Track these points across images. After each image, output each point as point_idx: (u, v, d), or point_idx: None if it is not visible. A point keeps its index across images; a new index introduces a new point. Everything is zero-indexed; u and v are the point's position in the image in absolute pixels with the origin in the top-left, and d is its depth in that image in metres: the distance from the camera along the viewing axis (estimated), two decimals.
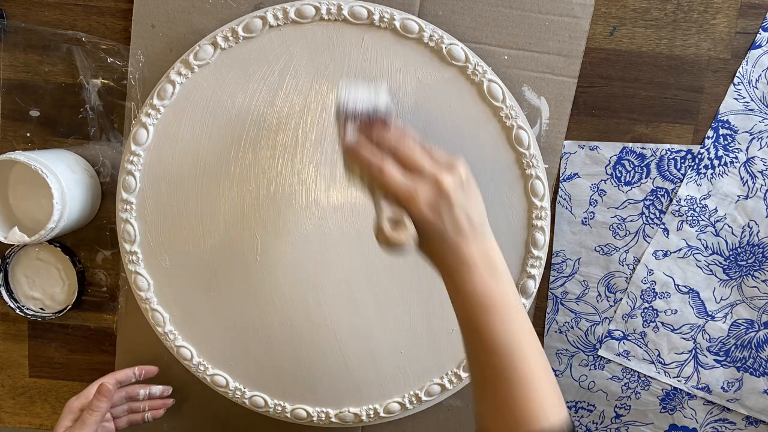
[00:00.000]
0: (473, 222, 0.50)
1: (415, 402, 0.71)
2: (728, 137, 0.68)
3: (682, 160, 0.69)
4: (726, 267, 0.71)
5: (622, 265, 0.72)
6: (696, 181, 0.69)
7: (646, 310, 0.72)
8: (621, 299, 0.72)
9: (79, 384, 0.77)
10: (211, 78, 0.66)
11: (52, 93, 0.71)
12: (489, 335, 0.49)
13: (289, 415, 0.72)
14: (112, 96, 0.70)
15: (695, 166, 0.69)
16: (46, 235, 0.64)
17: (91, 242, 0.73)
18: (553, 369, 0.74)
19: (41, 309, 0.74)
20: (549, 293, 0.73)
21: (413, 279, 0.69)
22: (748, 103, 0.68)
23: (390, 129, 0.52)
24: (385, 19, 0.64)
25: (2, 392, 0.78)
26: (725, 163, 0.69)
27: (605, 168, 0.70)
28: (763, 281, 0.71)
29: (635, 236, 0.71)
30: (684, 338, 0.73)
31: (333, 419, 0.72)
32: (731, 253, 0.71)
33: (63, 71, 0.70)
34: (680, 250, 0.71)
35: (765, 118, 0.68)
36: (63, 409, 0.65)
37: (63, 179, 0.64)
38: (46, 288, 0.74)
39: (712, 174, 0.69)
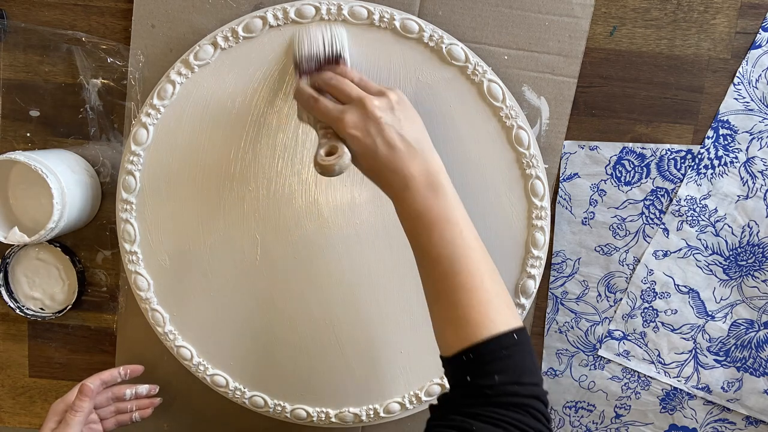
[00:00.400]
0: (407, 140, 0.53)
1: (415, 402, 0.71)
2: (728, 137, 0.68)
3: (682, 160, 0.69)
4: (726, 267, 0.71)
5: (622, 265, 0.72)
6: (696, 181, 0.69)
7: (646, 310, 0.72)
8: (621, 299, 0.72)
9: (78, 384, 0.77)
10: (211, 78, 0.66)
11: (52, 93, 0.71)
12: (431, 247, 0.52)
13: (289, 415, 0.72)
14: (112, 96, 0.70)
15: (695, 166, 0.69)
16: (46, 235, 0.64)
17: (91, 242, 0.73)
18: (553, 369, 0.74)
19: (41, 309, 0.74)
20: (549, 293, 0.73)
21: (414, 278, 0.69)
22: (748, 103, 0.68)
23: (338, 67, 0.59)
24: (385, 19, 0.64)
25: (2, 392, 0.78)
26: (725, 163, 0.69)
27: (605, 168, 0.70)
28: (763, 281, 0.71)
29: (635, 236, 0.71)
30: (684, 338, 0.73)
31: (333, 419, 0.72)
32: (731, 253, 0.71)
33: (63, 71, 0.70)
34: (680, 250, 0.71)
35: (765, 118, 0.68)
36: (47, 412, 0.64)
37: (63, 179, 0.64)
38: (46, 288, 0.74)
39: (712, 174, 0.69)
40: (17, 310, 0.73)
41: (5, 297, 0.73)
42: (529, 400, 0.47)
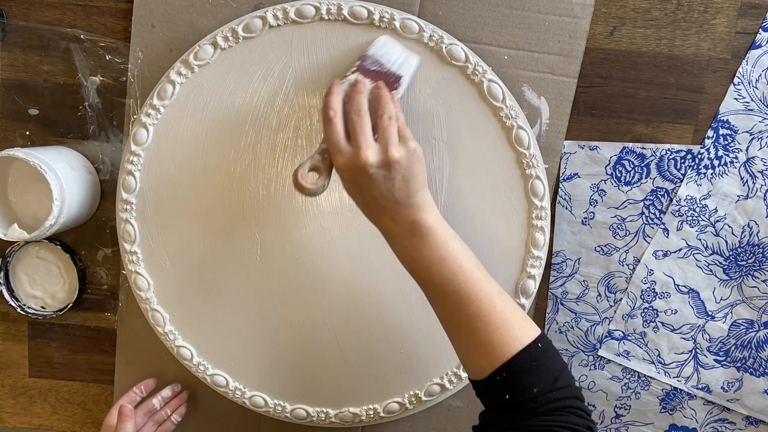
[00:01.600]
0: (395, 197, 0.54)
1: (415, 402, 0.71)
2: (728, 137, 0.68)
3: (682, 160, 0.69)
4: (726, 267, 0.71)
5: (622, 265, 0.72)
6: (696, 181, 0.69)
7: (646, 310, 0.72)
8: (621, 299, 0.72)
9: (78, 384, 0.77)
10: (211, 78, 0.66)
11: (51, 91, 0.71)
12: (434, 286, 0.54)
13: (289, 415, 0.72)
14: (111, 93, 0.70)
15: (695, 166, 0.69)
16: (45, 231, 0.64)
17: (91, 240, 0.73)
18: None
19: (42, 308, 0.74)
20: (549, 293, 0.73)
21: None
22: (748, 103, 0.68)
23: (380, 93, 0.57)
24: (385, 19, 0.64)
25: (2, 392, 0.78)
26: (725, 163, 0.69)
27: (605, 168, 0.70)
28: (763, 281, 0.71)
29: (635, 236, 0.71)
30: (684, 338, 0.73)
31: (333, 419, 0.72)
32: (731, 253, 0.71)
33: (62, 70, 0.70)
34: (680, 250, 0.71)
35: (765, 118, 0.68)
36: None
37: (62, 176, 0.64)
38: (47, 286, 0.74)
39: (712, 174, 0.69)
40: (18, 309, 0.73)
41: (6, 296, 0.73)
42: (569, 401, 0.50)
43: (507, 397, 0.50)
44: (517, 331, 0.51)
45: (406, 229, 0.54)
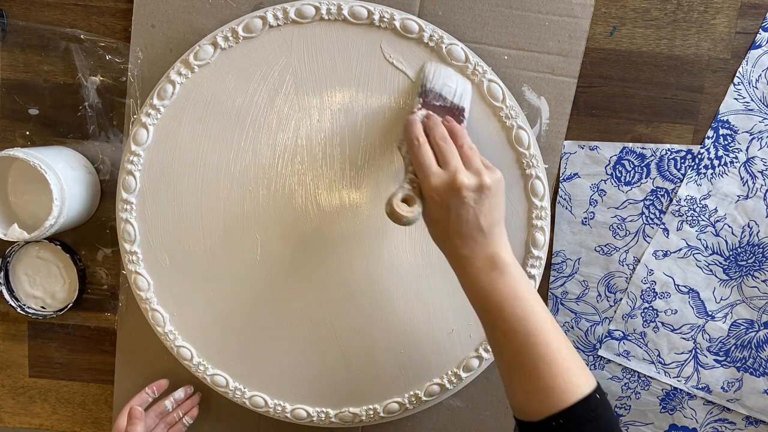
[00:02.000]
0: (480, 224, 0.54)
1: (415, 402, 0.71)
2: (728, 137, 0.68)
3: (682, 160, 0.69)
4: (726, 267, 0.71)
5: (622, 265, 0.72)
6: (696, 181, 0.69)
7: (646, 310, 0.72)
8: (621, 299, 0.72)
9: (78, 384, 0.77)
10: (211, 78, 0.66)
11: (51, 91, 0.71)
12: (504, 323, 0.53)
13: (289, 415, 0.72)
14: (111, 93, 0.70)
15: (695, 166, 0.69)
16: (45, 231, 0.64)
17: (91, 240, 0.73)
18: None
19: (42, 307, 0.74)
20: (549, 293, 0.73)
21: (414, 279, 0.69)
22: (748, 103, 0.68)
23: (453, 126, 0.58)
24: (385, 19, 0.64)
25: (2, 392, 0.78)
26: (725, 163, 0.69)
27: (605, 168, 0.70)
28: (763, 281, 0.71)
29: (635, 236, 0.71)
30: (684, 338, 0.73)
31: (333, 419, 0.72)
32: (731, 253, 0.71)
33: (62, 70, 0.70)
34: (680, 250, 0.71)
35: (765, 118, 0.68)
36: None
37: (62, 176, 0.64)
38: (47, 286, 0.74)
39: (712, 174, 0.69)
40: (18, 309, 0.73)
41: (6, 296, 0.73)
42: None
43: None
44: (580, 380, 0.51)
45: (485, 261, 0.54)
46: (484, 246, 0.54)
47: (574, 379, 0.51)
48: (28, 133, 0.72)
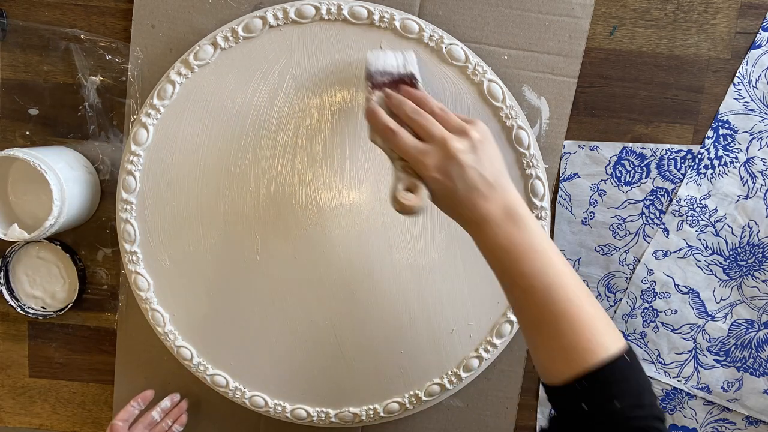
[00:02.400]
0: (487, 179, 0.52)
1: (415, 402, 0.71)
2: (728, 137, 0.68)
3: (682, 160, 0.69)
4: (726, 267, 0.71)
5: (622, 265, 0.72)
6: (696, 181, 0.69)
7: (646, 310, 0.72)
8: (621, 299, 0.72)
9: (78, 384, 0.77)
10: (211, 78, 0.66)
11: (51, 91, 0.71)
12: (523, 279, 0.50)
13: (289, 415, 0.72)
14: (111, 93, 0.70)
15: (695, 166, 0.69)
16: (45, 231, 0.64)
17: (91, 240, 0.73)
18: None
19: (42, 308, 0.74)
20: None
21: (414, 279, 0.69)
22: (748, 103, 0.68)
23: (414, 93, 0.56)
24: (385, 19, 0.64)
25: (2, 392, 0.78)
26: (725, 163, 0.69)
27: (605, 168, 0.70)
28: (763, 281, 0.71)
29: (635, 236, 0.71)
30: (684, 338, 0.73)
31: (333, 419, 0.72)
32: (731, 253, 0.71)
33: (62, 70, 0.70)
34: (680, 250, 0.71)
35: (765, 118, 0.68)
36: None
37: (62, 176, 0.64)
38: (47, 286, 0.74)
39: (712, 174, 0.69)
40: (18, 309, 0.73)
41: (6, 296, 0.73)
42: (651, 422, 0.46)
43: (585, 407, 0.47)
44: (605, 338, 0.48)
45: (501, 215, 0.51)
46: (496, 199, 0.52)
47: (599, 337, 0.48)
48: (28, 133, 0.72)
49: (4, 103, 0.71)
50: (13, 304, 0.73)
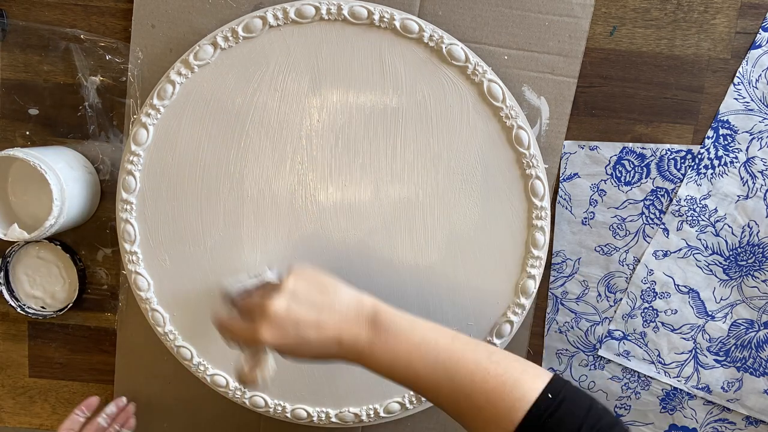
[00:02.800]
0: (325, 307, 0.51)
1: (415, 402, 0.71)
2: (728, 137, 0.68)
3: (682, 160, 0.69)
4: (726, 267, 0.71)
5: (622, 265, 0.72)
6: (696, 181, 0.69)
7: (646, 310, 0.72)
8: (621, 299, 0.72)
9: (78, 384, 0.77)
10: (211, 78, 0.66)
11: (51, 91, 0.71)
12: (421, 380, 0.50)
13: (289, 415, 0.72)
14: (111, 93, 0.70)
15: (695, 166, 0.69)
16: (46, 231, 0.64)
17: (91, 240, 0.73)
18: (553, 369, 0.74)
19: (42, 308, 0.74)
20: (549, 293, 0.73)
21: (413, 279, 0.69)
22: (748, 103, 0.68)
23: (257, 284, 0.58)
24: (385, 19, 0.64)
25: (2, 392, 0.78)
26: (725, 163, 0.69)
27: (605, 168, 0.70)
28: (763, 281, 0.71)
29: (635, 236, 0.71)
30: (684, 338, 0.73)
31: (333, 419, 0.72)
32: (731, 253, 0.71)
33: (62, 70, 0.70)
34: (680, 250, 0.71)
35: (765, 118, 0.68)
36: None
37: (62, 176, 0.64)
38: (47, 286, 0.74)
39: (712, 174, 0.69)
40: (18, 309, 0.73)
41: (6, 296, 0.73)
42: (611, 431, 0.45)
43: None
44: (520, 390, 0.47)
45: (367, 330, 0.51)
46: (349, 322, 0.51)
47: (514, 393, 0.46)
48: (28, 133, 0.72)
49: (4, 103, 0.71)
50: (13, 304, 0.73)
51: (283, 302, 0.51)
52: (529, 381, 0.47)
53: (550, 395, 0.46)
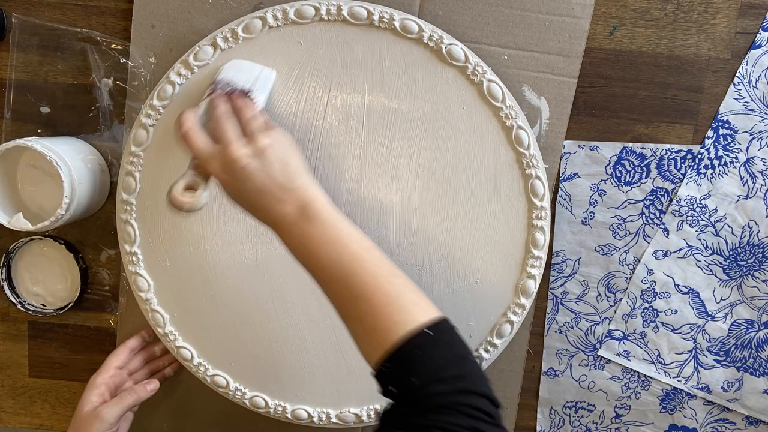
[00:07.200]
0: (278, 182, 0.53)
1: None
2: (728, 137, 0.68)
3: (682, 160, 0.69)
4: (726, 267, 0.71)
5: (622, 265, 0.72)
6: (696, 181, 0.69)
7: (646, 310, 0.72)
8: (621, 299, 0.72)
9: (79, 384, 0.77)
10: (210, 79, 0.66)
11: (63, 91, 0.71)
12: (322, 271, 0.52)
13: (289, 415, 0.72)
14: (123, 96, 0.70)
15: (695, 166, 0.69)
16: (51, 225, 0.64)
17: (95, 241, 0.73)
18: (553, 369, 0.74)
19: (42, 305, 0.74)
20: (549, 293, 0.73)
21: (413, 279, 0.69)
22: (748, 103, 0.68)
23: (236, 102, 0.58)
24: (384, 20, 0.64)
25: (2, 392, 0.78)
26: (725, 163, 0.69)
27: (605, 168, 0.70)
28: (763, 281, 0.71)
29: (635, 236, 0.71)
30: (684, 338, 0.73)
31: (333, 419, 0.72)
32: (731, 253, 0.71)
33: (76, 70, 0.70)
34: (680, 250, 0.71)
35: (765, 118, 0.68)
36: (87, 386, 0.66)
37: (73, 167, 0.64)
38: (48, 284, 0.74)
39: (712, 174, 0.69)
40: (18, 306, 0.73)
41: (7, 291, 0.73)
42: (455, 397, 0.44)
43: (392, 389, 0.46)
44: (403, 315, 0.47)
45: (295, 214, 0.53)
46: (292, 200, 0.53)
47: (397, 315, 0.47)
48: (39, 131, 0.71)
49: (15, 102, 0.71)
50: (13, 300, 0.73)
51: (248, 156, 0.53)
52: (414, 313, 0.48)
53: (430, 332, 0.46)
